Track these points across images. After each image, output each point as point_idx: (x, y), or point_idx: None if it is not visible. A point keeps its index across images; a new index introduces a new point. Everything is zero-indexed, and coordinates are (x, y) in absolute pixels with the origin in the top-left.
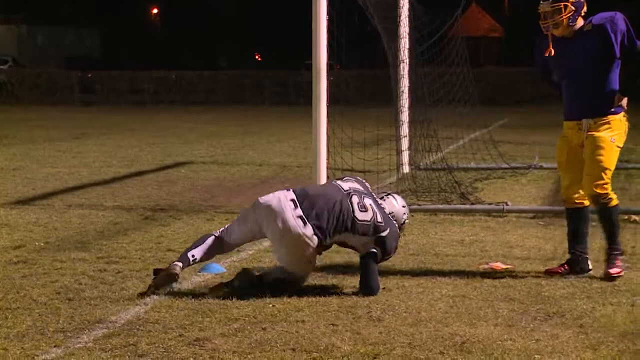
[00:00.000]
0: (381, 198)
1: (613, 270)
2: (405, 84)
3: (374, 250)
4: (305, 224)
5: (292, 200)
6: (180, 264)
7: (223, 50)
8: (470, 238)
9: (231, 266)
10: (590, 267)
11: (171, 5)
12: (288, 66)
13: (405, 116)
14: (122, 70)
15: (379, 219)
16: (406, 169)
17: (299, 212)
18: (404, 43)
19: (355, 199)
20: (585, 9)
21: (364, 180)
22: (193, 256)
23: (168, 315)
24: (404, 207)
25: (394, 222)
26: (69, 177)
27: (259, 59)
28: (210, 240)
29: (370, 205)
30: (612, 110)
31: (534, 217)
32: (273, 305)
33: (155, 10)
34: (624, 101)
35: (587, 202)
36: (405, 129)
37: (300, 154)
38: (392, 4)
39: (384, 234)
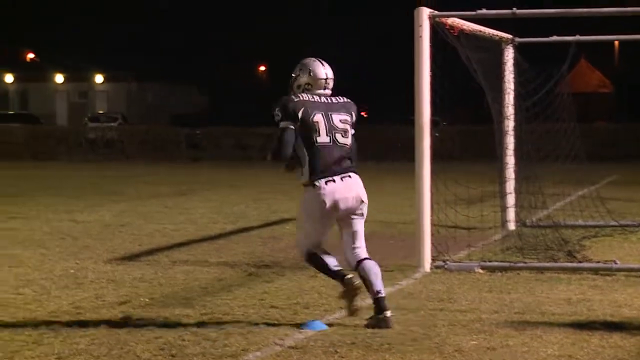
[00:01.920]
0: None
1: None
2: (510, 140)
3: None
4: None
5: None
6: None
7: None
8: (577, 297)
9: (334, 324)
10: None
11: (278, 62)
12: (390, 121)
13: (510, 173)
14: (228, 127)
15: None
16: (512, 226)
17: None
18: (509, 99)
19: None
20: None
21: None
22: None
23: None
24: None
25: None
26: (175, 233)
27: (364, 115)
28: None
29: None
30: None
31: None
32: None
33: (262, 68)
34: None
35: None
36: (510, 186)
37: (404, 211)
38: (496, 60)
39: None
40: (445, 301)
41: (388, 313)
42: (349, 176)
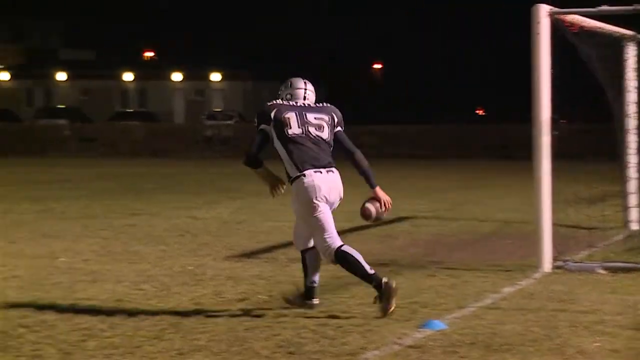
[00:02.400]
0: None
1: None
2: (632, 138)
3: None
4: None
5: None
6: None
7: (444, 104)
8: None
9: (453, 323)
10: None
11: (394, 60)
12: (509, 120)
13: (632, 172)
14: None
15: None
16: (634, 226)
17: None
18: (631, 97)
19: None
20: None
21: None
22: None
23: None
24: None
25: None
26: (291, 231)
27: (482, 113)
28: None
29: None
30: None
31: None
32: None
33: (378, 66)
34: None
35: None
36: (633, 185)
37: (525, 210)
38: (617, 57)
39: None
40: (566, 302)
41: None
42: (332, 171)
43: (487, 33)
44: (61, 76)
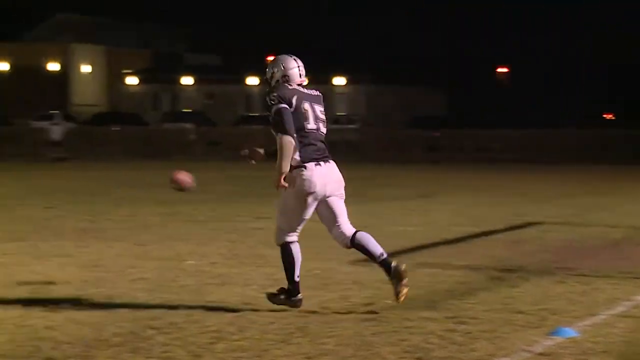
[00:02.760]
0: None
1: None
2: None
3: None
4: None
5: None
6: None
7: (571, 108)
8: None
9: (584, 331)
10: None
11: (520, 65)
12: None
13: None
14: (469, 129)
15: None
16: None
17: None
18: None
19: None
20: None
21: None
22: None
23: None
24: None
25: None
26: (417, 235)
27: (611, 117)
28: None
29: None
30: None
31: None
32: None
33: (504, 70)
34: None
35: None
36: None
37: None
38: None
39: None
40: None
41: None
42: (329, 161)
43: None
44: (187, 80)
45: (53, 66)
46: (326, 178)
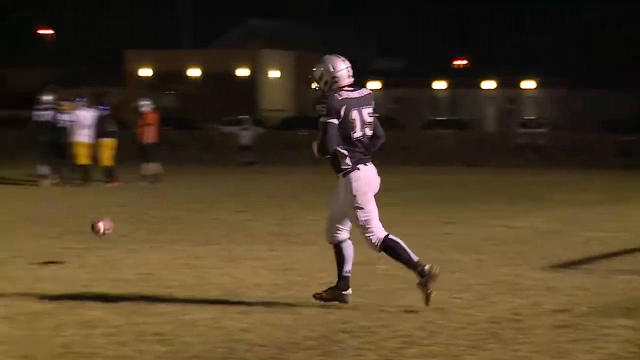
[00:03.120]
0: None
1: None
2: None
3: None
4: None
5: None
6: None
7: None
8: None
9: None
10: None
11: None
12: None
13: None
14: None
15: None
16: None
17: None
18: None
19: None
20: None
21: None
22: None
23: None
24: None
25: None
26: (612, 241)
27: None
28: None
29: None
30: None
31: None
32: None
33: None
34: None
35: None
36: None
37: None
38: None
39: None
40: None
41: None
42: (371, 163)
43: None
44: (374, 85)
45: (242, 72)
46: (373, 178)
